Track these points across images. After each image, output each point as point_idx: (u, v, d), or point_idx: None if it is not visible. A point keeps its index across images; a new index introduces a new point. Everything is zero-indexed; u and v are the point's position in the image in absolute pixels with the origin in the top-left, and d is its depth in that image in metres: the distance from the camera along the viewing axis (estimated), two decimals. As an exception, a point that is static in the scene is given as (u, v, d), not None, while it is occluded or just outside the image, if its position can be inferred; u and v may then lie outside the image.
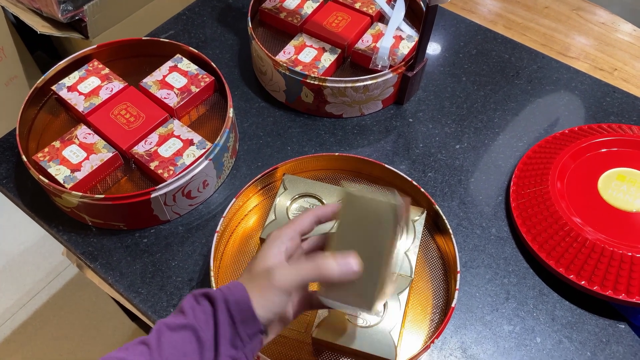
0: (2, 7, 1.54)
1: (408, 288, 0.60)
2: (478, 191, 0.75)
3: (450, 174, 0.77)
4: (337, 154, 0.70)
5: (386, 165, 0.69)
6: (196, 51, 0.79)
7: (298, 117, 0.83)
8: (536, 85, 0.88)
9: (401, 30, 0.85)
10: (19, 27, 1.63)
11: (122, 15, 1.60)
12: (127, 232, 0.71)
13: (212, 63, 0.77)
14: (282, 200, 0.66)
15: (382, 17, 0.90)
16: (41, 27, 1.49)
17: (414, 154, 0.79)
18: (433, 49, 0.92)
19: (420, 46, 0.76)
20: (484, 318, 0.65)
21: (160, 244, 0.70)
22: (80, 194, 0.64)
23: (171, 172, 0.68)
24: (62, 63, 0.78)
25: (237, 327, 0.42)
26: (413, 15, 0.90)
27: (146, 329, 1.38)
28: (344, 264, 0.43)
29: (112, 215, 0.68)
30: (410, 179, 0.67)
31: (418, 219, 0.64)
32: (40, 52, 1.89)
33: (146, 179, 0.72)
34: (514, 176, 0.75)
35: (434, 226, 0.68)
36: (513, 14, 1.10)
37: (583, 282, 0.64)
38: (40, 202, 0.73)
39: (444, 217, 0.64)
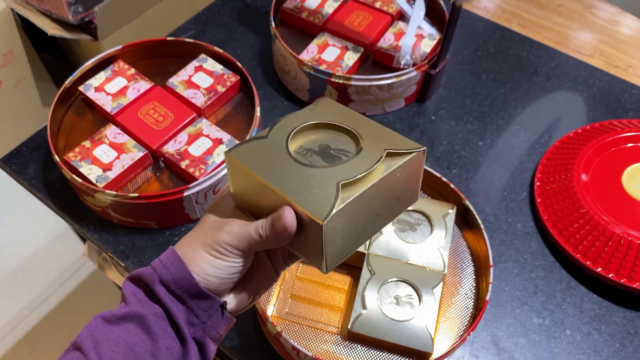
0: (11, 10, 1.54)
1: (442, 283, 0.60)
2: (503, 187, 0.76)
3: (475, 171, 0.78)
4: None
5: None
6: (221, 51, 0.79)
7: (321, 115, 0.84)
8: (555, 82, 0.89)
9: (421, 28, 0.86)
10: (26, 29, 1.63)
11: (131, 16, 1.61)
12: (157, 230, 0.72)
13: (238, 63, 0.78)
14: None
15: (402, 16, 0.90)
16: (51, 29, 1.49)
17: (437, 151, 0.80)
18: (452, 47, 0.93)
19: (444, 44, 0.77)
20: (514, 312, 0.66)
21: (191, 242, 0.71)
22: (114, 192, 0.65)
23: (202, 171, 0.69)
24: (88, 64, 0.78)
25: (187, 304, 0.36)
26: (432, 14, 0.91)
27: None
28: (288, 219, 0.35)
29: (144, 214, 0.68)
30: (439, 175, 0.68)
31: (449, 214, 0.65)
32: (47, 53, 1.89)
33: (175, 177, 0.73)
34: (537, 172, 0.76)
35: (463, 222, 0.69)
36: (527, 12, 1.11)
37: (611, 275, 0.65)
38: (69, 202, 0.74)
39: (474, 213, 0.65)
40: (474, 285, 0.64)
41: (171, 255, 0.37)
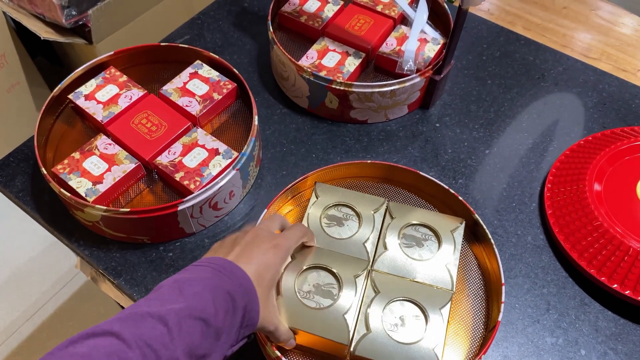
0: (4, 13, 1.51)
1: (449, 302, 0.57)
2: (511, 198, 0.73)
3: (482, 181, 0.75)
4: (369, 161, 0.68)
5: (421, 173, 0.67)
6: (217, 57, 0.76)
7: (321, 123, 0.81)
8: (563, 87, 0.86)
9: (425, 32, 0.83)
10: (19, 33, 1.59)
11: (126, 19, 1.58)
12: (150, 245, 0.68)
13: (234, 69, 0.75)
14: (315, 210, 0.64)
15: (404, 20, 0.87)
16: (44, 32, 1.46)
17: (443, 160, 0.77)
18: (456, 51, 0.90)
19: (450, 49, 0.73)
20: (526, 330, 0.63)
21: (186, 257, 0.67)
22: (105, 207, 0.62)
23: (197, 183, 0.66)
24: (78, 71, 0.75)
25: (239, 330, 0.45)
26: (435, 17, 0.88)
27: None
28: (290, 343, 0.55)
29: (137, 229, 0.65)
30: (446, 187, 0.65)
31: (457, 229, 0.62)
32: (41, 57, 1.86)
33: (170, 190, 0.69)
34: (547, 182, 0.73)
35: (472, 236, 0.66)
36: (531, 15, 1.08)
37: (628, 292, 0.62)
38: (58, 215, 0.71)
39: (484, 227, 0.62)
40: (484, 303, 0.61)
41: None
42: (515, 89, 0.85)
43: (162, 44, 0.78)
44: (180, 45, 0.78)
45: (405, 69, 0.78)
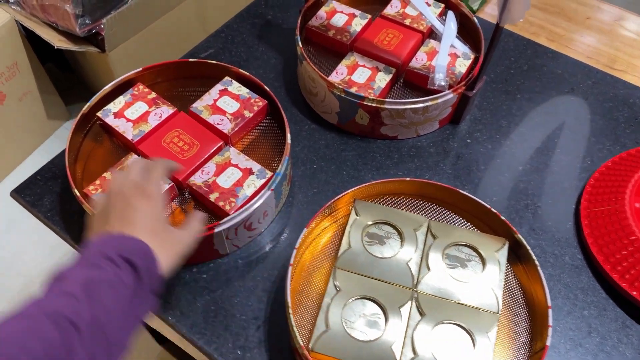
0: (16, 22, 1.50)
1: (496, 325, 0.56)
2: (547, 216, 0.72)
3: (516, 199, 0.74)
4: (408, 179, 0.67)
5: (462, 192, 0.66)
6: (247, 73, 0.75)
7: (351, 139, 0.80)
8: (593, 101, 0.85)
9: (454, 47, 0.82)
10: (30, 40, 1.58)
11: (138, 27, 1.57)
12: (183, 267, 0.67)
13: (265, 86, 0.74)
14: (356, 228, 0.63)
15: (432, 34, 0.86)
16: (58, 41, 1.45)
17: (476, 177, 0.76)
18: (483, 65, 0.89)
19: (484, 64, 0.73)
20: (568, 354, 0.62)
21: (220, 279, 0.66)
22: (140, 230, 0.61)
23: (233, 204, 0.65)
24: (106, 88, 0.74)
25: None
26: (464, 31, 0.87)
27: (176, 353, 1.33)
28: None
29: (171, 251, 0.64)
30: (488, 206, 0.64)
31: (500, 249, 0.61)
32: (51, 64, 1.84)
33: (201, 209, 0.68)
34: (582, 199, 0.72)
35: (512, 255, 0.65)
36: (555, 25, 1.08)
37: (672, 315, 0.61)
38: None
39: (528, 248, 0.61)
40: (528, 326, 0.60)
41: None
42: (545, 103, 0.84)
43: (190, 60, 0.77)
44: (209, 61, 0.77)
45: (437, 84, 0.77)
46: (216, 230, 0.62)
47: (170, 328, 0.64)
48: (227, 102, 0.74)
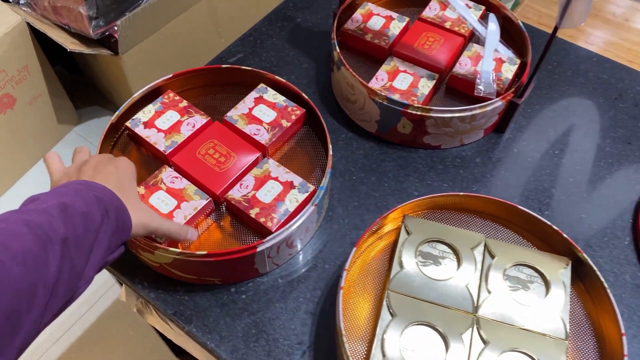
0: (27, 24, 1.46)
1: (565, 354, 0.52)
2: (602, 231, 0.68)
3: (568, 212, 0.70)
4: (462, 193, 0.63)
5: (520, 207, 0.61)
6: (283, 80, 0.71)
7: (390, 149, 0.76)
8: (643, 108, 0.81)
9: (498, 52, 0.78)
10: (40, 42, 1.54)
11: (151, 30, 1.53)
12: (221, 287, 0.63)
13: (303, 94, 0.70)
14: (408, 247, 0.59)
15: (474, 37, 0.82)
16: (70, 44, 1.41)
17: (526, 190, 0.72)
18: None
19: (535, 70, 0.69)
20: (637, 381, 0.58)
21: (260, 300, 0.62)
22: (178, 250, 0.57)
23: (275, 221, 0.60)
24: (135, 96, 0.70)
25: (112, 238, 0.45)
26: (506, 35, 0.83)
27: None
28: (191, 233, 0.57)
29: (210, 271, 0.60)
30: (548, 222, 0.60)
31: (564, 270, 0.57)
32: (60, 66, 1.80)
33: (238, 224, 0.64)
34: (639, 213, 0.68)
35: (573, 275, 0.60)
36: (592, 27, 1.03)
37: None
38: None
39: (594, 267, 0.57)
40: (598, 355, 0.56)
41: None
42: (593, 110, 0.80)
43: (223, 65, 0.73)
44: (242, 67, 0.73)
45: (486, 91, 0.73)
46: (259, 249, 0.58)
47: (209, 353, 0.60)
48: (263, 110, 0.70)
